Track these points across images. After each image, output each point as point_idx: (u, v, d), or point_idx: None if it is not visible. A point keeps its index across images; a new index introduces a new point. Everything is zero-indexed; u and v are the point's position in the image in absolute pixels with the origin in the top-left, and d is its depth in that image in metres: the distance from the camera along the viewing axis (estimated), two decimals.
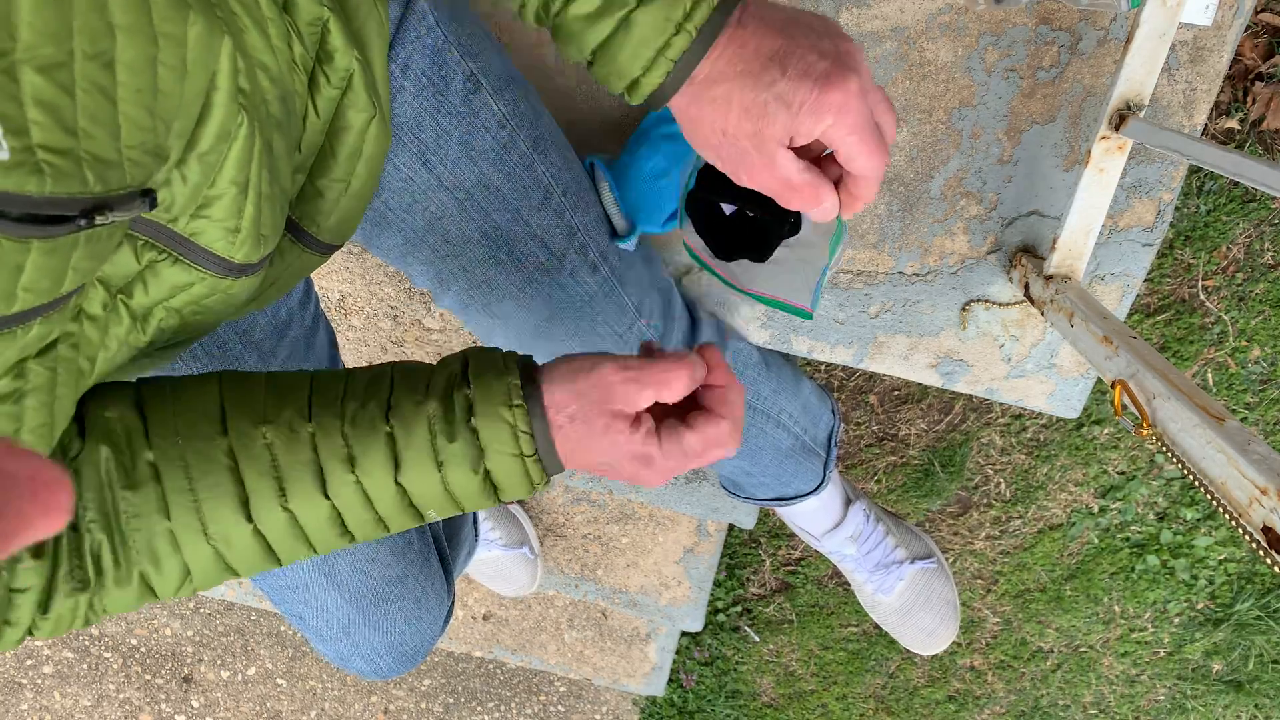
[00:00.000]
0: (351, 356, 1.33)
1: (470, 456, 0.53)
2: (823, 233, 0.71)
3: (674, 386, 0.53)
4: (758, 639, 1.89)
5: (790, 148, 0.51)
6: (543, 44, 0.98)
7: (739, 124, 0.51)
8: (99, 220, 0.36)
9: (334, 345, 0.89)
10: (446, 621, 0.95)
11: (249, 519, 0.53)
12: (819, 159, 0.55)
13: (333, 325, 1.29)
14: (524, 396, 0.53)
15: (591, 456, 0.55)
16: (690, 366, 0.54)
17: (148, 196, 0.40)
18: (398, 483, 0.54)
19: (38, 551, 0.50)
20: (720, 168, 0.54)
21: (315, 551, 0.56)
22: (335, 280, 1.23)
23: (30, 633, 0.51)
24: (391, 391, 0.55)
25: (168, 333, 0.53)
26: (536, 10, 0.51)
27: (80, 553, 0.51)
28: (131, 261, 0.47)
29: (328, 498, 0.53)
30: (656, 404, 0.55)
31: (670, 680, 1.87)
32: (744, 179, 0.54)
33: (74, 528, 0.51)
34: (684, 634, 1.87)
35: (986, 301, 1.10)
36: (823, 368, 1.58)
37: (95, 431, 0.52)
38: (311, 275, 0.85)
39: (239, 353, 0.77)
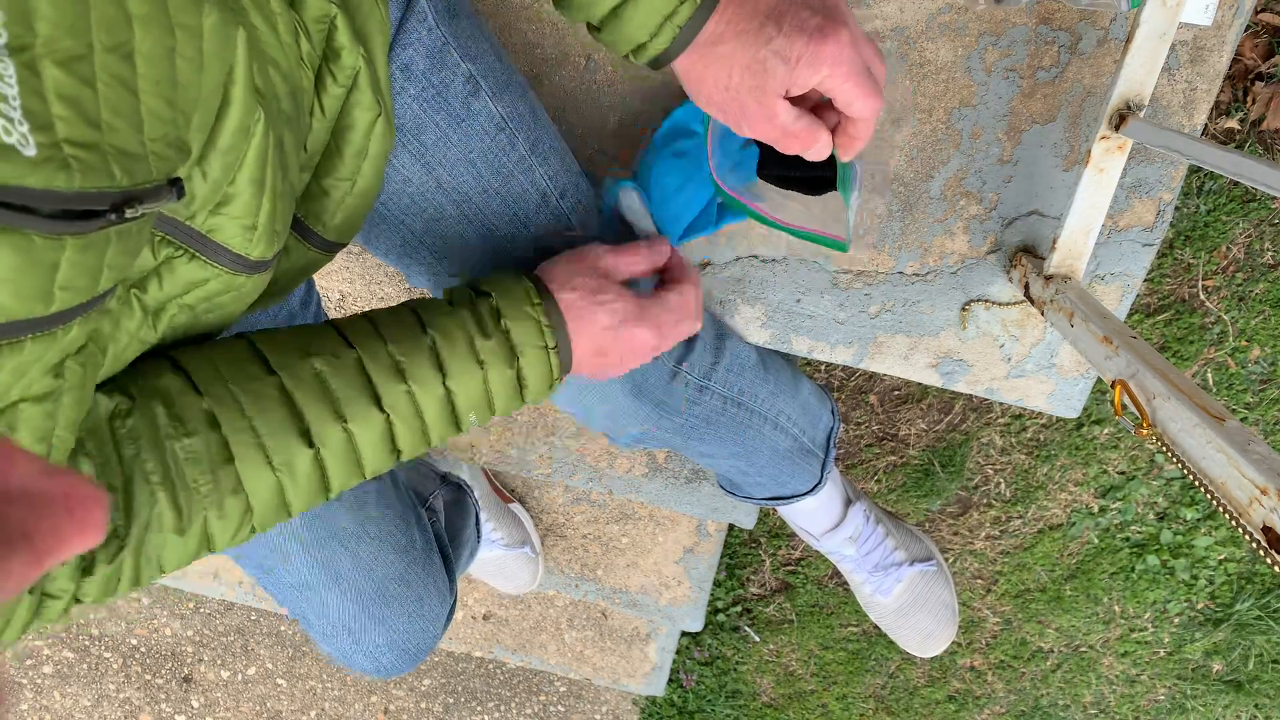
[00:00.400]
0: None
1: (505, 355, 0.60)
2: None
3: (639, 254, 0.69)
4: (758, 639, 1.89)
5: (787, 97, 0.55)
6: (542, 44, 0.98)
7: (741, 80, 0.54)
8: (129, 214, 0.36)
9: None
10: (449, 620, 0.95)
11: (310, 444, 0.55)
12: (816, 107, 0.59)
13: None
14: (540, 294, 0.62)
15: (596, 325, 0.64)
16: (649, 246, 0.70)
17: (175, 186, 0.40)
18: (446, 386, 0.59)
19: None
20: (721, 119, 0.58)
21: (364, 475, 0.59)
22: (335, 280, 1.24)
23: (78, 600, 0.51)
24: (419, 314, 0.61)
25: (179, 330, 0.54)
26: None
27: (130, 510, 0.51)
28: (148, 257, 0.47)
29: (383, 411, 0.57)
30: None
31: (670, 680, 1.87)
32: (744, 130, 0.57)
33: (130, 480, 0.51)
34: (684, 634, 1.87)
35: (986, 301, 1.10)
36: (822, 367, 1.58)
37: (145, 394, 0.53)
38: (314, 273, 0.85)
39: None
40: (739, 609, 1.87)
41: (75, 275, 0.36)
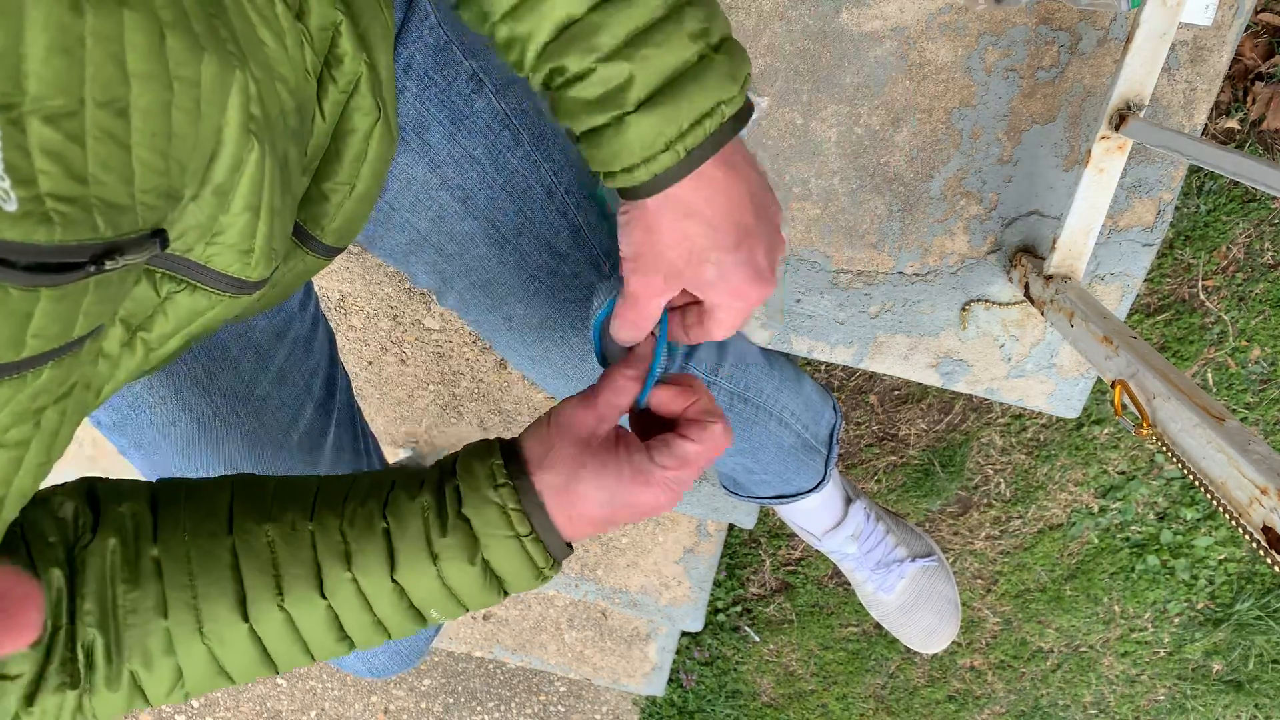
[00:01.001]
0: (352, 356, 1.33)
1: (465, 548, 0.52)
2: None
3: (622, 387, 0.54)
4: (758, 639, 1.89)
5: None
6: None
7: (675, 253, 0.52)
8: (109, 265, 0.36)
9: (333, 346, 0.89)
10: (441, 622, 0.95)
11: (245, 618, 0.52)
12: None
13: (333, 325, 1.29)
14: (509, 475, 0.52)
15: (588, 501, 0.53)
16: (633, 367, 0.55)
17: (158, 237, 0.39)
18: (394, 580, 0.52)
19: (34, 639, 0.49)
20: (623, 257, 0.54)
21: (313, 658, 0.55)
22: (335, 280, 1.24)
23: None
24: (391, 489, 0.54)
25: (176, 354, 0.54)
26: (543, 77, 0.50)
27: (74, 646, 0.50)
28: (152, 295, 0.47)
29: (324, 597, 0.52)
30: (643, 425, 0.56)
31: (670, 680, 1.87)
32: (629, 279, 0.54)
33: (71, 619, 0.50)
34: (684, 634, 1.87)
35: (986, 301, 1.10)
36: (823, 367, 1.58)
37: (108, 523, 0.52)
38: (313, 277, 0.85)
39: (237, 354, 0.76)
40: (739, 609, 1.87)
41: (48, 324, 0.35)
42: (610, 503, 0.53)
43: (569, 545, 0.55)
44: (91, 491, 0.54)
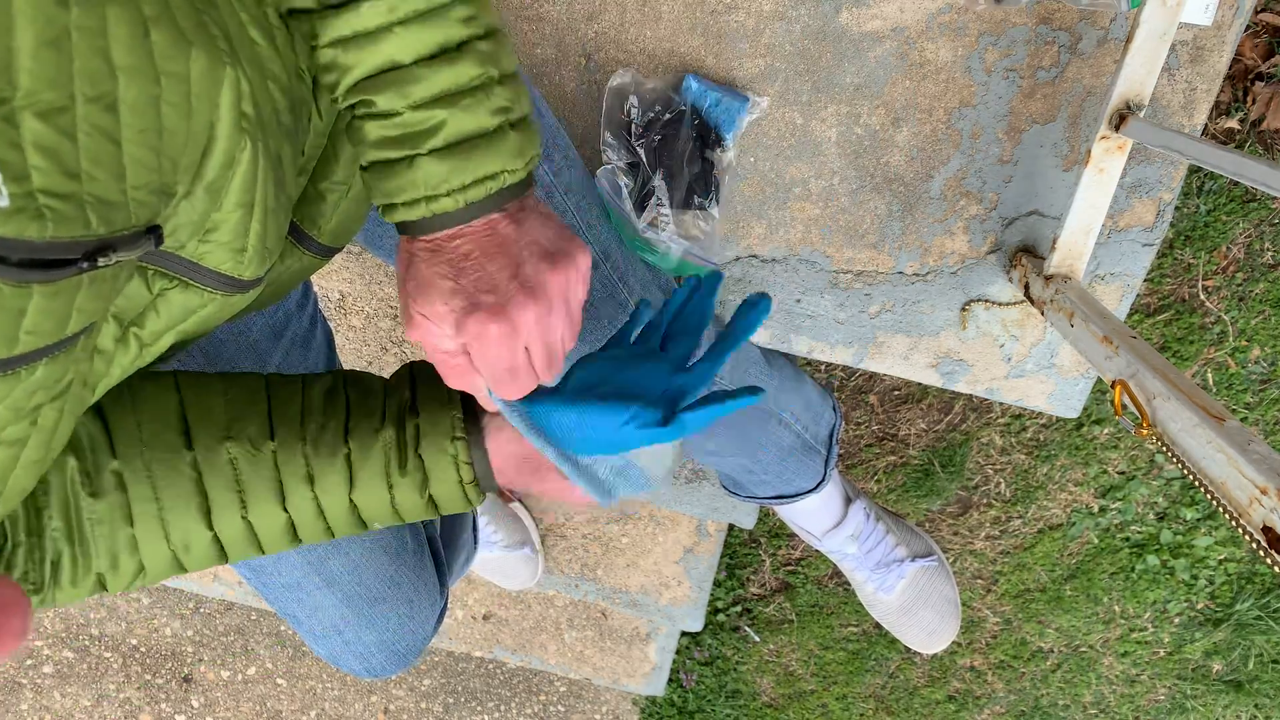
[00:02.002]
0: (351, 356, 1.33)
1: (418, 482, 0.58)
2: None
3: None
4: (758, 639, 1.89)
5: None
6: (542, 44, 0.98)
7: (426, 299, 0.51)
8: (101, 262, 0.36)
9: (331, 346, 0.89)
10: (439, 622, 0.95)
11: (209, 526, 0.56)
12: None
13: (333, 325, 1.29)
14: (466, 429, 0.58)
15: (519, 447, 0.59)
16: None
17: (153, 234, 0.40)
18: (351, 500, 0.58)
19: None
20: (399, 291, 0.54)
21: (263, 552, 0.60)
22: (335, 280, 1.24)
23: None
24: (349, 413, 0.59)
25: (171, 350, 0.54)
26: (348, 102, 0.50)
27: (39, 560, 0.52)
28: (144, 292, 0.47)
29: (285, 510, 0.57)
30: None
31: (670, 680, 1.87)
32: (407, 329, 0.55)
33: (38, 535, 0.52)
34: (684, 634, 1.87)
35: (986, 301, 1.10)
36: (823, 367, 1.58)
37: None
38: (310, 276, 0.85)
39: (234, 354, 0.76)
40: (739, 609, 1.87)
41: (42, 320, 0.36)
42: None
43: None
44: None
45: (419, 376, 0.61)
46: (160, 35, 0.37)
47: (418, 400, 0.59)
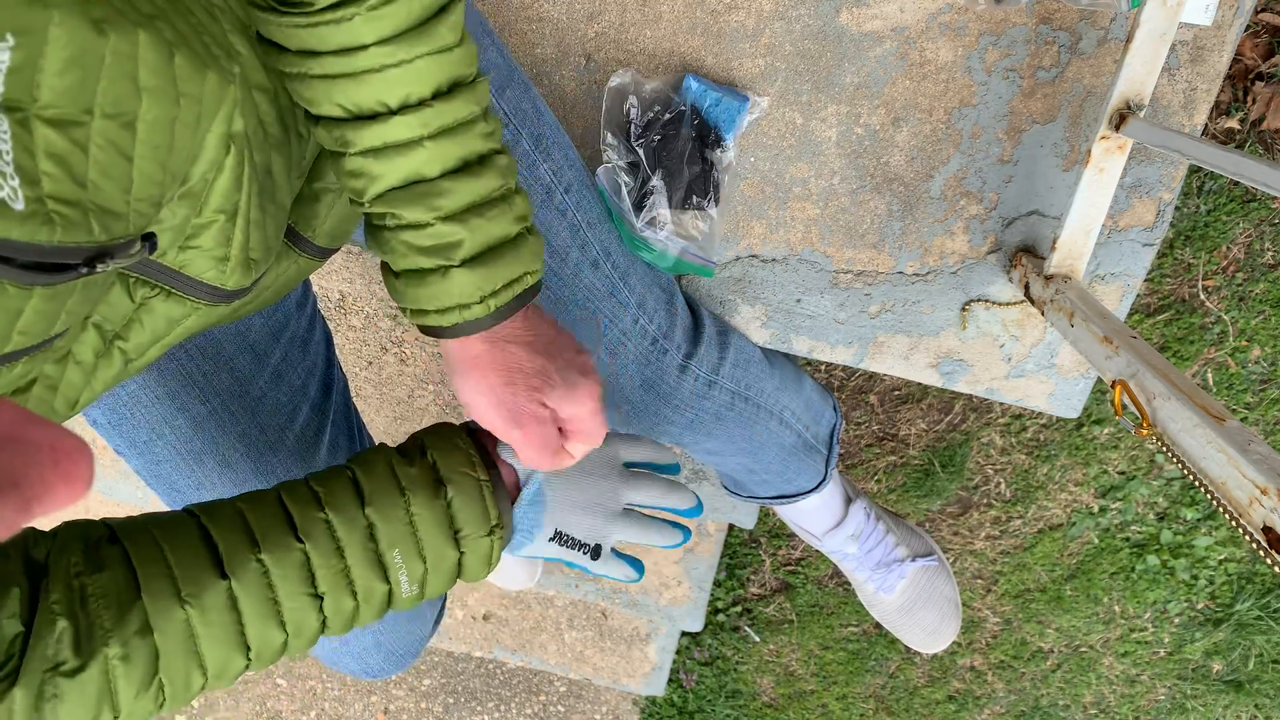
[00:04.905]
0: (352, 356, 1.33)
1: (429, 483, 0.59)
2: None
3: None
4: (758, 639, 1.89)
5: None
6: (542, 44, 0.98)
7: (481, 391, 0.57)
8: (99, 268, 0.37)
9: (330, 347, 0.89)
10: (437, 623, 0.95)
11: (223, 575, 0.53)
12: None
13: (333, 325, 1.29)
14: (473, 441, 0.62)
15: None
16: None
17: (148, 241, 0.41)
18: (365, 515, 0.58)
19: None
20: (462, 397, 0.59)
21: (286, 631, 0.57)
22: (335, 280, 1.23)
23: None
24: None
25: (154, 362, 0.54)
26: (376, 213, 0.53)
27: (26, 643, 0.48)
28: (126, 300, 0.47)
29: (300, 541, 0.56)
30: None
31: (670, 680, 1.87)
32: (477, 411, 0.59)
33: (32, 618, 0.48)
34: (684, 634, 1.87)
35: (986, 301, 1.10)
36: (823, 367, 1.58)
37: (66, 533, 0.52)
38: (310, 276, 0.85)
39: (233, 354, 0.76)
40: (739, 609, 1.87)
41: (35, 321, 0.37)
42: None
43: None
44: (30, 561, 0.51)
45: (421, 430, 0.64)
46: (182, 59, 0.38)
47: (421, 433, 0.62)
